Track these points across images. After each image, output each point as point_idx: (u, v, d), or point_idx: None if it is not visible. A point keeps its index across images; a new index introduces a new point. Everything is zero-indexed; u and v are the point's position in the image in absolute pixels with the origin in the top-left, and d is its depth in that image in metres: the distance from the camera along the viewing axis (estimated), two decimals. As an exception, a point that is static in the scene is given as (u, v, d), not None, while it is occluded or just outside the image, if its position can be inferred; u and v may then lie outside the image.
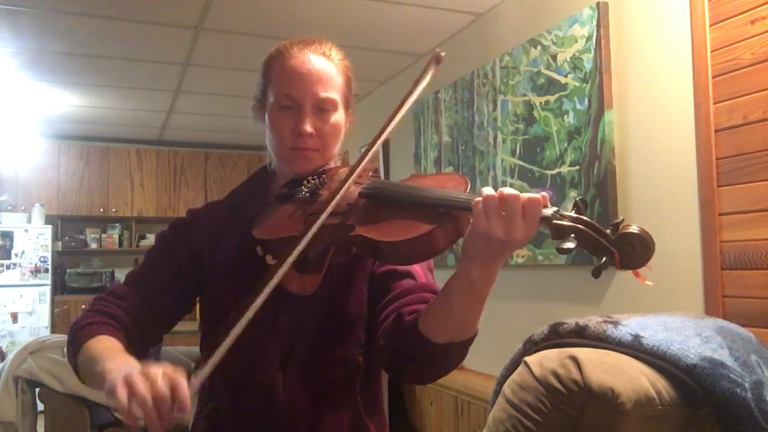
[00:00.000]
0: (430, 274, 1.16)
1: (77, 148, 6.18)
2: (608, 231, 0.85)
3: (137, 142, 6.35)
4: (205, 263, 1.19)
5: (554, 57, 2.79)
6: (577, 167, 2.65)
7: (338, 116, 1.16)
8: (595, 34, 2.56)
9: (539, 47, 2.89)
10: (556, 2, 2.86)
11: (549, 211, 0.85)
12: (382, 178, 1.11)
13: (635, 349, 0.94)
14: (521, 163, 3.01)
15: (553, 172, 2.78)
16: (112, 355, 0.98)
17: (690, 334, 0.96)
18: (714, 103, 2.09)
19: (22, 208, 5.91)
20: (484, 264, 0.88)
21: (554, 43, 2.79)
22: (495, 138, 3.22)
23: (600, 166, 2.53)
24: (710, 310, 2.07)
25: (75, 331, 1.09)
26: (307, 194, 1.11)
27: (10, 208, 5.86)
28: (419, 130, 3.97)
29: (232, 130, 6.03)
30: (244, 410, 1.13)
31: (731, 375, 0.89)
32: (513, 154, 3.07)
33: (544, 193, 0.86)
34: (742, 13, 2.00)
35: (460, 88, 3.53)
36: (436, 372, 1.02)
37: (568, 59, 2.71)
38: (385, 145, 4.45)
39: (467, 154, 3.47)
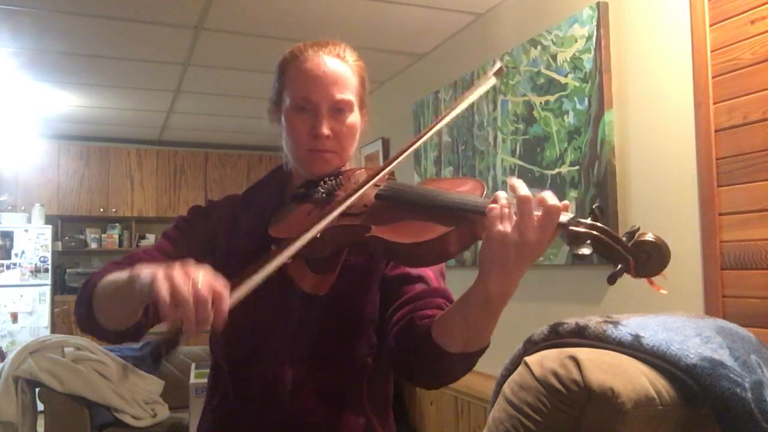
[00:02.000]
0: (442, 279, 1.16)
1: (77, 148, 6.18)
2: (624, 238, 0.85)
3: (137, 142, 6.35)
4: (219, 253, 1.19)
5: (554, 57, 2.79)
6: (577, 167, 2.65)
7: (354, 117, 1.17)
8: (595, 34, 2.56)
9: (539, 47, 2.89)
10: (556, 2, 2.86)
11: (566, 217, 0.85)
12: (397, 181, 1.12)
13: (635, 349, 0.94)
14: (521, 163, 3.01)
15: (553, 172, 2.78)
16: (134, 269, 0.95)
17: (690, 334, 0.96)
18: (714, 103, 2.09)
19: (22, 208, 5.91)
20: (502, 275, 0.86)
21: (554, 43, 2.79)
22: (495, 138, 3.22)
23: (600, 166, 2.53)
24: (710, 310, 2.07)
25: (87, 281, 1.09)
26: (324, 195, 1.11)
27: (10, 208, 5.86)
28: (419, 130, 3.97)
29: (232, 130, 6.03)
30: (250, 403, 1.13)
31: (731, 375, 0.89)
32: (513, 154, 3.07)
33: (565, 202, 0.85)
34: (742, 13, 2.00)
35: (460, 88, 3.53)
36: (445, 379, 1.03)
37: (568, 59, 2.71)
38: (385, 145, 4.45)
39: (467, 154, 3.47)
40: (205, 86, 4.64)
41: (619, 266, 0.84)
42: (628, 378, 0.85)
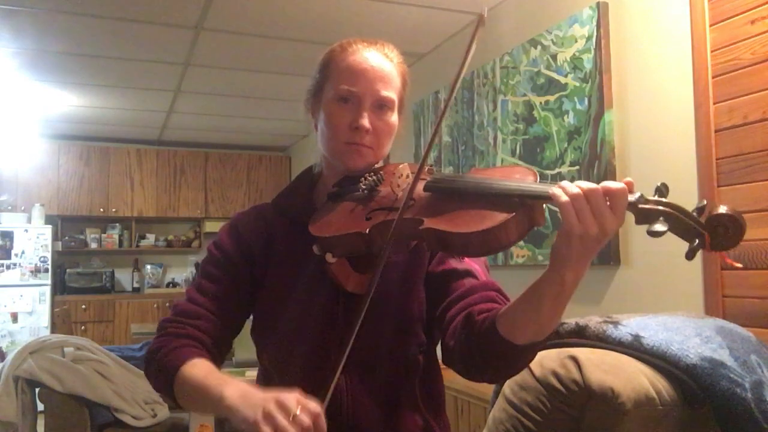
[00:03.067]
0: (488, 272, 1.14)
1: (77, 148, 6.17)
2: (695, 213, 0.84)
3: (137, 142, 6.35)
4: (259, 266, 1.18)
5: (554, 57, 2.79)
6: (577, 167, 2.65)
7: (394, 116, 1.16)
8: (595, 34, 2.56)
9: (539, 47, 2.89)
10: (556, 2, 2.86)
11: (633, 196, 0.84)
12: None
13: (635, 349, 0.94)
14: (521, 163, 3.01)
15: (553, 172, 2.78)
16: (219, 378, 0.99)
17: (690, 334, 0.96)
18: (714, 103, 2.09)
19: (22, 208, 5.90)
20: (579, 264, 0.86)
21: (554, 43, 2.79)
22: (495, 138, 3.22)
23: (600, 166, 2.53)
24: (710, 310, 2.07)
25: (160, 358, 1.09)
26: (366, 191, 1.09)
27: (10, 208, 5.86)
28: (419, 130, 3.97)
29: (232, 130, 6.03)
30: None
31: (731, 375, 0.89)
32: (513, 154, 3.07)
33: (628, 179, 0.84)
34: (742, 13, 2.00)
35: (460, 88, 3.53)
36: (513, 371, 1.01)
37: (568, 59, 2.71)
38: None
39: (467, 154, 3.47)
40: (205, 86, 4.64)
41: (696, 241, 0.83)
42: (628, 378, 0.85)
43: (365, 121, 1.11)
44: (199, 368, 1.04)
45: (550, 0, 2.91)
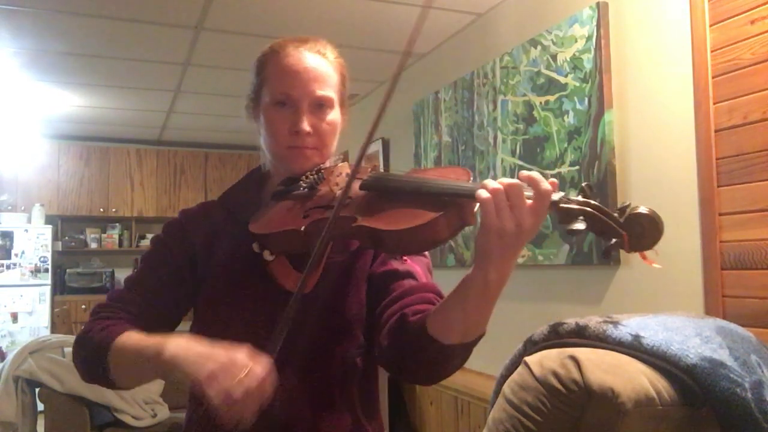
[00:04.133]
0: (429, 275, 1.14)
1: (77, 148, 6.18)
2: (616, 214, 0.85)
3: (137, 142, 6.35)
4: (201, 263, 1.17)
5: (554, 57, 2.79)
6: (577, 167, 2.65)
7: (335, 114, 1.15)
8: (595, 34, 2.56)
9: (539, 47, 2.89)
10: (556, 2, 2.86)
11: (556, 196, 0.85)
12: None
13: (635, 349, 0.94)
14: (521, 163, 3.01)
15: (553, 172, 2.78)
16: (159, 337, 0.98)
17: (690, 334, 0.96)
18: (714, 103, 2.09)
19: (22, 208, 5.91)
20: (500, 262, 0.86)
21: (554, 43, 2.79)
22: (495, 138, 3.22)
23: (600, 166, 2.53)
24: (710, 310, 2.07)
25: (92, 336, 1.08)
26: (305, 189, 1.10)
27: (10, 208, 5.86)
28: (419, 130, 3.97)
29: (232, 130, 6.03)
30: None
31: (731, 375, 0.89)
32: (513, 154, 3.07)
33: (553, 180, 0.85)
34: (742, 13, 2.00)
35: (460, 88, 3.53)
36: (443, 372, 1.01)
37: (568, 59, 2.71)
38: (386, 145, 4.45)
39: (467, 154, 3.47)
40: (205, 86, 4.64)
41: (614, 241, 0.84)
42: (628, 378, 0.85)
43: (305, 125, 1.11)
44: (135, 336, 1.03)
45: (550, 0, 2.91)
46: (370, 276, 1.13)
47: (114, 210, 6.24)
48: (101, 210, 6.20)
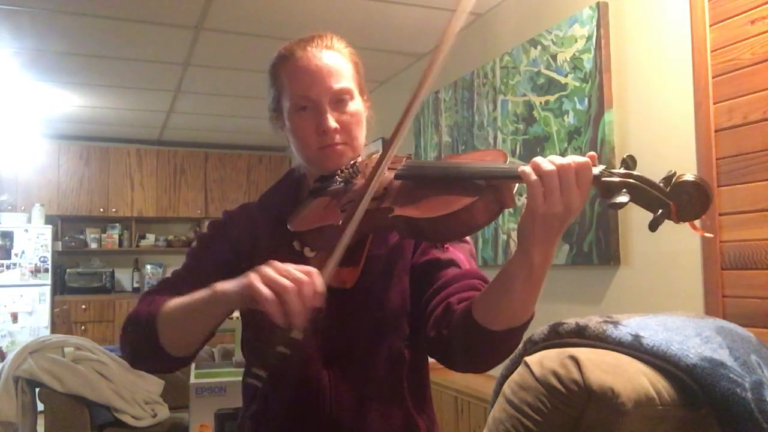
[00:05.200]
0: (473, 260, 1.13)
1: (77, 148, 6.18)
2: (661, 184, 0.82)
3: (137, 142, 6.35)
4: (244, 263, 1.18)
5: (554, 57, 2.79)
6: (577, 167, 2.65)
7: (356, 104, 1.15)
8: (595, 34, 2.56)
9: (539, 47, 2.89)
10: (556, 2, 2.86)
11: (597, 169, 0.83)
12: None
13: (635, 349, 0.94)
14: (521, 163, 3.01)
15: (553, 172, 2.78)
16: (204, 290, 0.99)
17: (690, 334, 0.96)
18: (714, 103, 2.09)
19: (22, 208, 5.91)
20: (545, 244, 0.85)
21: (554, 43, 2.79)
22: (495, 138, 3.22)
23: (600, 166, 2.53)
24: (710, 310, 2.07)
25: (139, 311, 1.08)
26: (341, 184, 1.09)
27: (10, 208, 5.86)
28: (419, 130, 3.97)
29: (232, 130, 6.04)
30: (289, 406, 1.11)
31: (731, 375, 0.89)
32: (513, 154, 3.07)
33: (591, 153, 0.83)
34: (742, 13, 2.00)
35: (460, 88, 3.53)
36: (493, 359, 1.00)
37: (568, 59, 2.71)
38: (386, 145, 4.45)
39: (467, 154, 3.47)
40: (205, 86, 4.64)
41: (660, 211, 0.81)
42: (628, 378, 0.85)
43: (330, 123, 1.10)
44: (181, 297, 1.04)
45: (550, 0, 2.91)
46: (412, 267, 1.13)
47: (114, 210, 6.24)
48: (101, 210, 6.20)
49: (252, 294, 0.87)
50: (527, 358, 0.94)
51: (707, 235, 0.82)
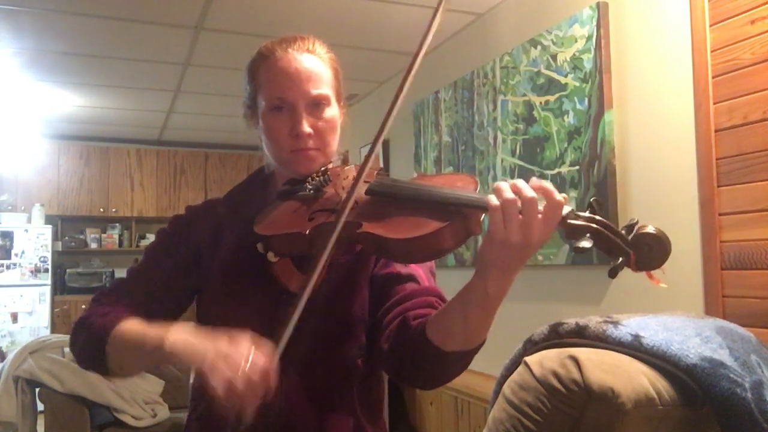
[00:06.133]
0: (432, 278, 1.14)
1: (77, 148, 6.18)
2: (623, 231, 0.83)
3: (137, 142, 6.35)
4: (205, 260, 1.17)
5: (554, 57, 2.79)
6: (577, 167, 2.65)
7: (332, 111, 1.14)
8: (595, 34, 2.56)
9: (539, 47, 2.89)
10: (556, 2, 2.86)
11: (565, 210, 0.83)
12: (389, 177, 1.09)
13: (635, 349, 0.94)
14: (521, 163, 3.01)
15: (553, 172, 2.78)
16: (160, 327, 0.98)
17: (690, 334, 0.96)
18: (714, 103, 2.09)
19: (22, 208, 5.91)
20: (501, 274, 0.85)
21: (554, 43, 2.79)
22: (495, 138, 3.22)
23: (600, 166, 2.53)
24: (710, 310, 2.07)
25: (91, 322, 1.08)
26: (312, 191, 1.09)
27: (10, 208, 5.86)
28: (419, 130, 3.97)
29: (232, 130, 6.03)
30: None
31: (731, 375, 0.89)
32: (513, 154, 3.07)
33: (564, 195, 0.83)
34: (742, 13, 2.00)
35: (460, 88, 3.53)
36: (441, 378, 1.01)
37: (568, 59, 2.71)
38: (385, 145, 4.45)
39: (467, 154, 3.47)
40: (205, 86, 4.64)
41: (620, 259, 0.83)
42: (628, 378, 0.85)
43: (304, 127, 1.09)
44: (136, 324, 1.03)
45: (550, 0, 2.91)
46: (372, 278, 1.13)
47: (114, 210, 6.24)
48: (101, 210, 6.21)
49: (204, 384, 0.86)
50: (527, 358, 0.94)
51: (662, 285, 0.84)
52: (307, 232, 0.99)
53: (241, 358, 0.86)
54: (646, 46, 2.40)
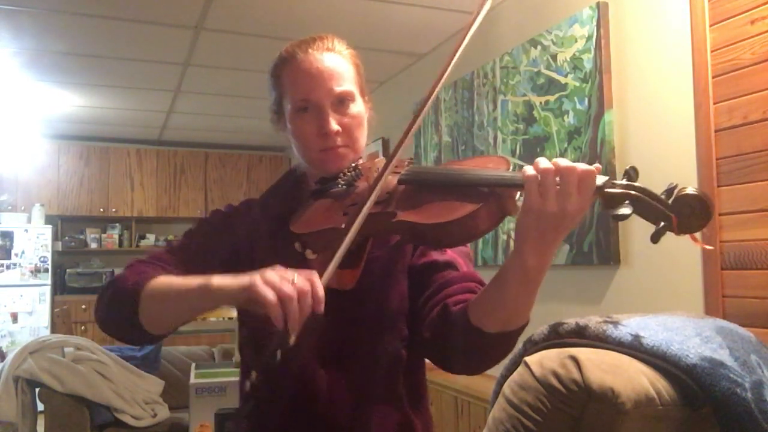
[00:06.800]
0: (470, 264, 1.14)
1: (77, 148, 6.18)
2: (663, 196, 0.83)
3: (137, 142, 6.35)
4: (243, 259, 1.17)
5: (554, 57, 2.79)
6: (577, 167, 2.65)
7: (358, 107, 1.15)
8: (595, 34, 2.56)
9: (539, 47, 2.89)
10: (556, 2, 2.86)
11: (601, 180, 0.83)
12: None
13: (635, 349, 0.94)
14: (521, 163, 3.01)
15: (553, 172, 2.78)
16: (201, 276, 0.97)
17: (690, 334, 0.96)
18: (714, 103, 2.09)
19: (22, 208, 5.91)
20: (539, 247, 0.85)
21: (554, 43, 2.79)
22: (495, 138, 3.22)
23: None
24: (710, 310, 2.07)
25: (125, 278, 1.07)
26: (344, 187, 1.10)
27: (10, 208, 5.86)
28: (419, 130, 3.97)
29: (232, 130, 6.04)
30: (286, 410, 1.11)
31: (731, 375, 0.89)
32: (513, 154, 3.07)
33: (597, 165, 0.83)
34: (742, 13, 2.00)
35: (460, 88, 3.53)
36: (487, 362, 1.00)
37: (568, 59, 2.71)
38: (385, 145, 4.45)
39: (467, 154, 3.47)
40: (205, 86, 4.64)
41: (662, 224, 0.82)
42: (628, 378, 0.85)
43: (332, 125, 1.10)
44: (173, 277, 1.03)
45: (550, 0, 2.91)
46: (410, 268, 1.13)
47: (114, 210, 6.24)
48: (101, 210, 6.21)
49: (254, 296, 0.86)
50: (527, 358, 0.94)
51: (707, 247, 0.84)
52: (343, 226, 0.99)
53: (290, 275, 0.87)
54: (646, 46, 2.40)
